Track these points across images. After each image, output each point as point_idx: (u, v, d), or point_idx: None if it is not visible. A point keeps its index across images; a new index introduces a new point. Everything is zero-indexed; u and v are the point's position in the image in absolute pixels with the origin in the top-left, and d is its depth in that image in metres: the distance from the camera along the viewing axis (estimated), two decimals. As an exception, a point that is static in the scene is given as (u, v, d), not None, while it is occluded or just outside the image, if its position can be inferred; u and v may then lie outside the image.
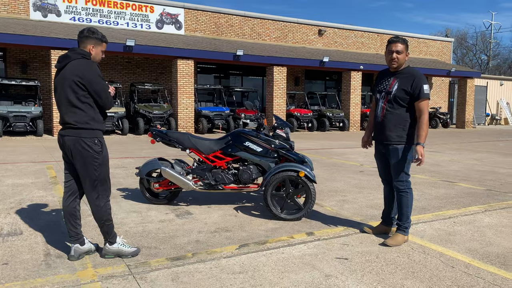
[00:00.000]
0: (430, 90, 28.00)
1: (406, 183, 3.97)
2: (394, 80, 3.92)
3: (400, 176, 3.94)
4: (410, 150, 3.90)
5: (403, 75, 3.88)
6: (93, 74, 3.27)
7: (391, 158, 3.93)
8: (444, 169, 8.64)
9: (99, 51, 3.49)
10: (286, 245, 3.88)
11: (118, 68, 19.03)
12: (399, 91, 3.84)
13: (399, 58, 3.86)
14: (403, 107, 3.84)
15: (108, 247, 3.50)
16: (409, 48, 3.98)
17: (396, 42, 3.87)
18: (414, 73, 3.85)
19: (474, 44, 58.40)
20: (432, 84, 28.07)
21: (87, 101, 3.31)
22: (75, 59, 3.31)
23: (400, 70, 3.94)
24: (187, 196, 5.76)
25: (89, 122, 3.30)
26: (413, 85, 3.78)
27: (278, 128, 5.11)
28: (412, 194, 4.01)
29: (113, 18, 18.96)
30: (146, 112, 16.46)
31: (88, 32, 3.45)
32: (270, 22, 22.76)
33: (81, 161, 3.33)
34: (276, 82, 19.03)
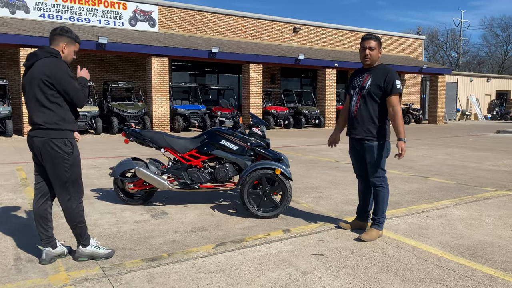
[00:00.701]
0: (403, 86, 28.57)
1: (383, 179, 4.03)
2: (368, 76, 3.97)
3: (377, 172, 4.00)
4: (384, 146, 3.97)
5: (376, 71, 3.95)
6: (61, 73, 3.18)
7: (366, 155, 3.99)
8: (417, 164, 8.83)
9: (71, 50, 3.40)
10: (263, 243, 3.88)
11: (91, 66, 18.64)
12: (372, 87, 3.90)
13: (372, 54, 3.92)
14: (376, 102, 3.91)
15: (82, 250, 3.43)
16: (382, 45, 4.03)
17: (369, 39, 3.93)
18: (387, 69, 3.92)
19: (445, 42, 59.90)
20: (405, 81, 28.63)
21: (56, 101, 3.22)
22: (44, 58, 3.22)
23: (373, 66, 4.00)
24: (163, 196, 5.70)
25: (59, 123, 3.21)
26: (386, 80, 3.85)
27: (254, 126, 5.11)
28: (388, 190, 4.08)
29: (85, 15, 18.55)
30: (120, 111, 16.19)
31: (62, 31, 3.36)
32: (245, 20, 22.72)
33: (51, 162, 3.24)
34: (252, 80, 19.03)
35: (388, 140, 4.01)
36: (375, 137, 3.93)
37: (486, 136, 16.65)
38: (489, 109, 33.71)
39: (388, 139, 4.00)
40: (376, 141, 3.94)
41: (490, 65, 59.33)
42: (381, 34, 27.60)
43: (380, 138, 3.93)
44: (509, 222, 4.62)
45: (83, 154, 10.03)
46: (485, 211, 5.06)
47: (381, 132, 3.93)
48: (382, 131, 3.94)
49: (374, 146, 3.94)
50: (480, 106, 32.76)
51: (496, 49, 59.24)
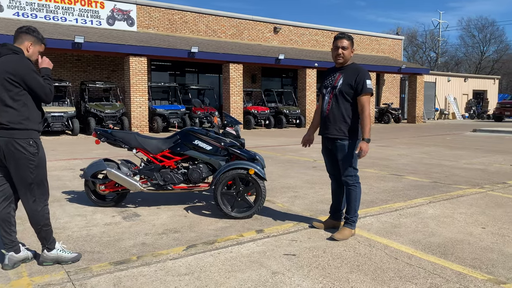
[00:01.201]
0: (383, 86, 28.91)
1: (355, 178, 4.03)
2: (340, 75, 3.97)
3: (349, 171, 4.00)
4: (356, 145, 3.97)
5: (348, 70, 3.95)
6: (25, 70, 3.07)
7: (338, 153, 3.98)
8: (394, 163, 8.91)
9: (36, 51, 3.29)
10: (235, 244, 3.83)
11: (67, 66, 18.30)
12: (344, 86, 3.90)
13: (344, 53, 3.92)
14: (348, 101, 3.91)
15: (46, 254, 3.32)
16: (354, 44, 4.04)
17: (342, 38, 3.93)
18: (358, 69, 3.93)
19: (424, 42, 60.85)
20: (384, 80, 28.96)
21: (20, 99, 3.10)
22: (5, 55, 3.10)
23: (345, 66, 4.01)
24: (136, 197, 5.60)
25: (23, 122, 3.09)
26: (357, 79, 3.85)
27: (228, 126, 5.06)
28: (360, 188, 4.09)
29: (61, 14, 18.20)
30: (98, 112, 15.93)
31: (28, 30, 3.26)
32: (225, 19, 22.64)
33: (15, 163, 3.12)
34: (232, 80, 18.96)
35: (360, 139, 4.00)
36: (347, 136, 3.93)
37: (462, 135, 16.95)
38: (466, 108, 34.36)
39: (360, 138, 4.00)
40: (348, 140, 3.93)
41: (467, 65, 60.56)
42: (360, 34, 27.87)
43: (352, 137, 3.93)
44: (480, 219, 4.67)
45: (58, 155, 9.83)
46: (458, 208, 5.12)
47: (353, 131, 3.93)
48: (354, 130, 3.94)
49: (346, 145, 3.94)
50: (458, 105, 33.37)
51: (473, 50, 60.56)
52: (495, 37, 58.77)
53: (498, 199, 5.59)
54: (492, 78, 37.77)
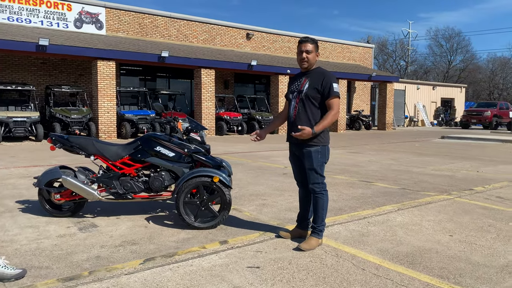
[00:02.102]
0: (353, 93, 29.25)
1: (322, 185, 3.90)
2: (305, 79, 3.87)
3: (316, 178, 3.87)
4: (324, 151, 3.85)
5: (313, 74, 3.85)
6: None
7: (305, 160, 3.85)
8: (363, 169, 8.88)
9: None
10: (196, 257, 3.63)
11: (32, 69, 17.64)
12: (310, 90, 3.78)
13: (309, 58, 3.82)
14: (315, 106, 3.80)
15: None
16: (318, 48, 3.93)
17: (306, 42, 3.82)
18: (324, 72, 3.83)
19: (394, 51, 62.18)
20: (355, 88, 29.32)
21: None
22: None
23: (311, 70, 3.90)
24: (95, 206, 5.31)
25: None
26: (323, 83, 3.75)
27: (192, 131, 4.86)
28: (327, 196, 3.96)
29: (25, 16, 17.56)
30: (63, 117, 15.38)
31: None
32: (197, 24, 22.41)
33: None
34: (204, 85, 18.72)
35: (327, 145, 3.89)
36: (314, 142, 3.80)
37: (431, 142, 17.24)
38: (435, 116, 35.17)
39: (327, 144, 3.88)
40: (314, 146, 3.81)
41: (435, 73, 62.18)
42: (332, 42, 28.15)
43: (318, 143, 3.80)
44: (448, 226, 4.63)
45: (17, 162, 9.35)
46: (426, 216, 5.07)
47: (321, 136, 3.81)
48: (321, 136, 3.81)
49: (312, 151, 3.81)
50: (427, 113, 34.13)
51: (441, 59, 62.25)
52: (461, 47, 60.67)
53: (466, 206, 5.59)
54: (459, 86, 38.89)
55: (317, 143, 3.80)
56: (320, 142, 3.81)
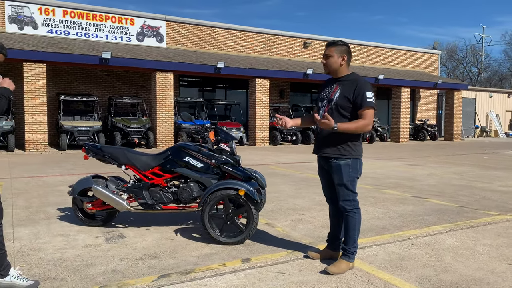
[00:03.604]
0: (418, 102, 27.80)
1: (353, 203, 3.53)
2: (337, 87, 3.53)
3: (346, 195, 3.51)
4: (355, 165, 3.48)
5: (346, 82, 3.50)
6: None
7: (334, 175, 3.51)
8: (419, 183, 8.21)
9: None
10: (213, 275, 3.41)
11: (98, 81, 18.63)
12: (341, 99, 3.44)
13: (328, 62, 3.53)
14: (345, 117, 3.44)
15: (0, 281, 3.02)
16: (346, 52, 3.58)
17: (328, 46, 3.55)
18: (357, 80, 3.47)
19: (464, 57, 58.61)
20: (420, 96, 27.86)
21: None
22: None
23: (343, 76, 3.56)
24: (128, 216, 5.29)
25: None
26: (355, 92, 3.39)
27: (222, 142, 4.68)
28: (360, 215, 3.58)
29: (92, 31, 18.63)
30: (123, 126, 16.02)
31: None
32: (254, 35, 22.51)
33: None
34: (258, 95, 18.68)
35: (359, 158, 3.52)
36: (343, 155, 3.45)
37: (503, 154, 15.79)
38: (510, 126, 32.46)
39: (359, 158, 3.51)
40: (344, 160, 3.45)
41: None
42: (394, 49, 27.04)
43: (348, 155, 3.44)
44: (507, 253, 4.02)
45: (75, 169, 9.76)
46: (482, 239, 4.47)
47: (351, 149, 3.45)
48: (352, 148, 3.45)
49: (342, 165, 3.46)
50: (501, 122, 31.58)
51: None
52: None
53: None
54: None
55: (347, 156, 3.43)
56: (351, 155, 3.44)
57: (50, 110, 17.01)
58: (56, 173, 9.15)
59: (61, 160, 12.03)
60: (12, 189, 7.12)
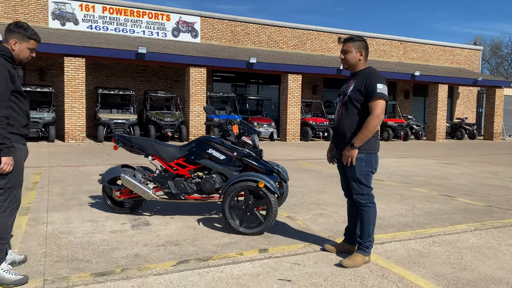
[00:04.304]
0: (456, 99, 26.91)
1: (367, 197, 3.55)
2: (352, 81, 3.58)
3: (360, 189, 3.53)
4: (369, 159, 3.50)
5: (360, 76, 3.54)
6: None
7: (348, 168, 3.53)
8: (450, 182, 8.02)
9: (24, 48, 3.09)
10: (230, 263, 3.52)
11: (134, 75, 19.18)
12: (354, 92, 3.49)
13: (346, 58, 3.59)
14: (358, 109, 3.47)
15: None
16: (363, 47, 3.59)
17: (345, 42, 3.60)
18: (371, 73, 3.49)
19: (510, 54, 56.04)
20: (459, 93, 26.96)
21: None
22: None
23: (359, 71, 3.59)
24: (155, 205, 5.48)
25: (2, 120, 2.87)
26: (367, 84, 3.42)
27: (244, 135, 4.77)
28: (375, 209, 3.58)
29: (130, 26, 19.17)
30: (157, 120, 16.44)
31: (15, 26, 3.09)
32: (288, 30, 22.47)
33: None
34: (290, 90, 18.66)
35: (373, 153, 3.52)
36: (357, 149, 3.47)
37: (545, 155, 15.09)
38: (556, 126, 30.84)
39: (373, 152, 3.52)
40: (358, 153, 3.47)
41: (562, 78, 54.62)
42: (432, 44, 26.28)
43: (362, 150, 3.45)
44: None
45: (110, 160, 10.13)
46: (508, 239, 4.36)
47: (365, 144, 3.46)
48: (367, 143, 3.46)
49: (356, 159, 3.47)
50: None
51: None
52: None
53: None
54: None
55: (361, 150, 3.45)
56: (365, 149, 3.46)
57: (88, 103, 17.68)
58: (92, 163, 9.55)
59: (97, 151, 12.51)
60: (50, 177, 7.51)
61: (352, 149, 3.40)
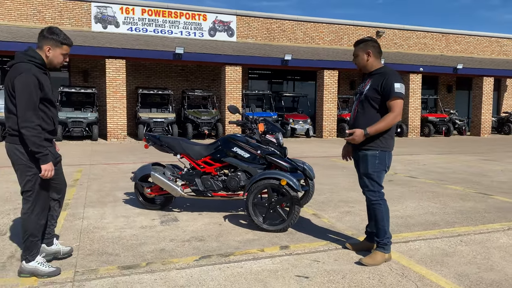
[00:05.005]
0: (504, 93, 25.65)
1: (378, 194, 3.57)
2: (369, 80, 3.61)
3: (371, 186, 3.56)
4: (383, 157, 3.50)
5: (376, 75, 3.56)
6: (20, 83, 2.96)
7: (361, 164, 3.57)
8: (488, 180, 7.73)
9: (57, 54, 3.20)
10: (250, 259, 3.60)
11: (173, 75, 19.66)
12: (370, 91, 3.50)
13: (355, 61, 3.69)
14: (374, 108, 3.49)
15: (24, 265, 3.17)
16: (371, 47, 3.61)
17: (354, 46, 3.71)
18: (387, 72, 3.50)
19: None
20: (506, 86, 25.68)
21: None
22: (17, 63, 3.08)
23: (374, 70, 3.62)
24: (185, 202, 5.66)
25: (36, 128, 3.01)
26: (383, 83, 3.43)
27: (268, 133, 4.84)
28: (386, 206, 3.59)
29: (168, 27, 19.65)
30: (195, 118, 16.79)
31: (47, 32, 3.16)
32: (324, 25, 22.24)
33: (15, 168, 3.14)
34: (326, 86, 18.50)
35: (387, 151, 3.52)
36: (371, 146, 3.50)
37: None
38: None
39: (387, 150, 3.52)
40: (371, 150, 3.50)
41: None
42: (477, 35, 25.19)
43: (377, 147, 3.47)
44: None
45: (148, 158, 10.48)
46: (543, 239, 4.18)
47: (379, 141, 3.47)
48: (381, 140, 3.47)
49: (368, 155, 3.51)
50: None
51: None
52: None
53: None
54: None
55: (375, 147, 3.46)
56: (379, 147, 3.46)
57: (130, 103, 18.32)
58: (130, 161, 9.93)
59: (137, 149, 12.97)
60: (90, 175, 7.89)
61: (363, 134, 3.42)
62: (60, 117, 15.06)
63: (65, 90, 15.93)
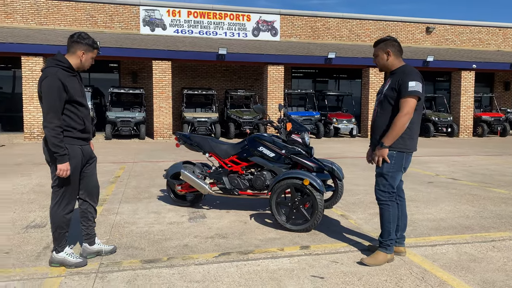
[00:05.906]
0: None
1: (388, 195, 3.48)
2: (389, 80, 3.53)
3: (382, 185, 3.48)
4: (400, 158, 3.41)
5: (395, 74, 3.48)
6: (46, 86, 3.14)
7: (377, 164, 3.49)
8: (539, 183, 7.25)
9: (89, 57, 3.41)
10: (268, 257, 3.63)
11: (217, 76, 20.01)
12: (389, 90, 3.44)
13: (376, 62, 3.63)
14: (391, 105, 3.42)
15: (54, 255, 3.40)
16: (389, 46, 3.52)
17: (373, 46, 3.63)
18: (405, 71, 3.42)
19: None
20: None
21: None
22: (47, 67, 3.27)
23: (394, 70, 3.54)
24: (214, 200, 5.77)
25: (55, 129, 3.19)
26: (399, 81, 3.35)
27: (294, 133, 4.83)
28: (395, 208, 3.50)
29: (212, 29, 20.01)
30: (237, 117, 17.00)
31: (79, 37, 3.36)
32: (370, 22, 21.73)
33: (49, 164, 3.37)
34: (372, 85, 18.08)
35: (406, 152, 3.42)
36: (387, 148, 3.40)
37: None
38: None
39: (406, 151, 3.41)
40: (389, 150, 3.40)
41: None
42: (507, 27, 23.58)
43: (394, 147, 3.38)
44: None
45: (188, 157, 10.77)
46: None
47: (397, 141, 3.38)
48: (399, 140, 3.38)
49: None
50: None
51: None
52: None
53: None
54: None
55: (393, 147, 3.38)
56: (397, 147, 3.37)
57: (176, 103, 18.86)
58: (171, 159, 10.24)
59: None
60: (131, 172, 8.24)
61: (382, 149, 3.35)
62: (110, 116, 15.84)
63: (115, 91, 16.67)
